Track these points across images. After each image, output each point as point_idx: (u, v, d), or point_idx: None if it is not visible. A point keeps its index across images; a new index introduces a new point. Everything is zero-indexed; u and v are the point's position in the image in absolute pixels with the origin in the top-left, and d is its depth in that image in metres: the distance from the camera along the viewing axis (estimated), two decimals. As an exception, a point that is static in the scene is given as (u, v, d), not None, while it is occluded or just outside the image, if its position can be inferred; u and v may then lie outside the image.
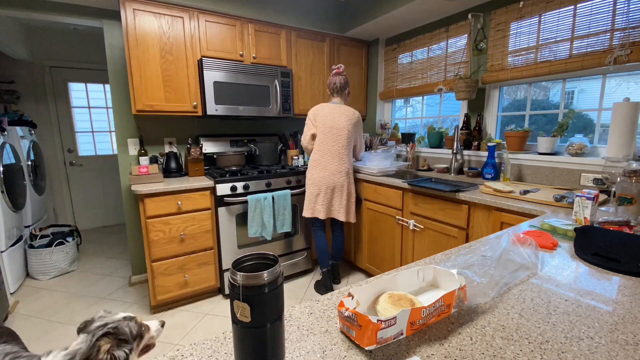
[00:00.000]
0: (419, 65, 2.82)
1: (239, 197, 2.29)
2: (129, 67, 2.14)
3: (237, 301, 0.43)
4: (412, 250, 2.15)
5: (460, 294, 0.62)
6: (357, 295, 0.59)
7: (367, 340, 0.50)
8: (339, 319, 0.57)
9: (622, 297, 0.67)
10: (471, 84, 2.21)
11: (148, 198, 2.03)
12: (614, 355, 0.50)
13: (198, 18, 2.32)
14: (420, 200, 2.04)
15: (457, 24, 2.45)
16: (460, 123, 2.47)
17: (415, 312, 0.54)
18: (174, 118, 2.64)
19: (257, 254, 0.50)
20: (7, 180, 2.52)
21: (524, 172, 2.06)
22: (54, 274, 2.78)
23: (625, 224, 1.10)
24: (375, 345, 0.50)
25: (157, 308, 2.23)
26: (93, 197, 4.11)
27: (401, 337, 0.54)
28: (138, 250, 2.62)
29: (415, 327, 0.55)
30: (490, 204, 1.63)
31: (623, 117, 1.49)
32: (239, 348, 0.45)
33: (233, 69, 2.40)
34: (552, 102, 2.08)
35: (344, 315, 0.54)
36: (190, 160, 2.45)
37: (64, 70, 3.75)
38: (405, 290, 0.69)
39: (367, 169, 2.49)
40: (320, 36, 2.91)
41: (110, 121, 4.15)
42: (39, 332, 2.03)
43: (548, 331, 0.56)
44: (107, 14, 2.35)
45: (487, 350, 0.52)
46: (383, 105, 3.30)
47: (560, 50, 1.87)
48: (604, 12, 1.67)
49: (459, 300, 0.62)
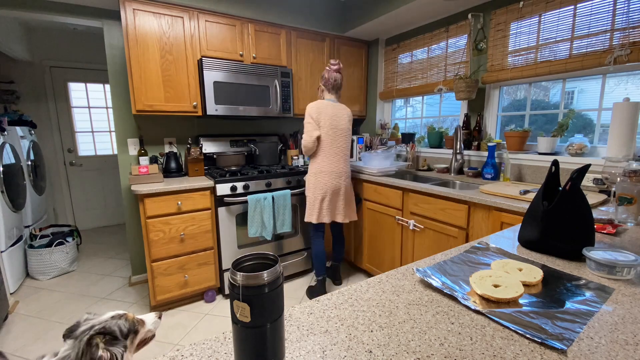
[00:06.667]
0: (419, 65, 2.82)
1: (239, 197, 2.29)
2: (128, 67, 2.14)
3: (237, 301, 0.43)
4: (412, 250, 2.15)
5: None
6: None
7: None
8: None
9: (622, 297, 0.67)
10: (471, 84, 2.21)
11: (148, 198, 2.03)
12: (614, 355, 0.50)
13: (198, 18, 2.32)
14: (420, 200, 2.04)
15: (457, 24, 2.44)
16: (460, 123, 2.47)
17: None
18: (174, 118, 2.64)
19: (257, 254, 0.50)
20: (7, 180, 2.52)
21: (524, 172, 2.06)
22: (54, 274, 2.78)
23: (609, 223, 1.11)
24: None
25: (157, 308, 2.23)
26: (93, 197, 4.11)
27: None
28: (138, 250, 2.62)
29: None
30: (490, 204, 1.63)
31: (623, 117, 1.49)
32: (239, 348, 0.45)
33: (233, 69, 2.40)
34: (552, 102, 2.08)
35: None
36: (190, 160, 2.45)
37: (64, 70, 3.75)
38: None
39: (367, 169, 2.49)
40: (320, 36, 2.91)
41: (110, 121, 4.15)
42: (38, 332, 2.03)
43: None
44: (107, 14, 2.35)
45: (487, 350, 0.52)
46: (383, 105, 3.30)
47: (560, 50, 1.87)
48: (604, 12, 1.67)
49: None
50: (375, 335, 0.56)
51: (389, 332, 0.57)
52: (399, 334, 0.56)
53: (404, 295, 0.69)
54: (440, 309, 0.64)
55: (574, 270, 0.80)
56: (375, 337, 0.55)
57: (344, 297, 0.69)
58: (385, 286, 0.73)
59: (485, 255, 0.89)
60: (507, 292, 0.65)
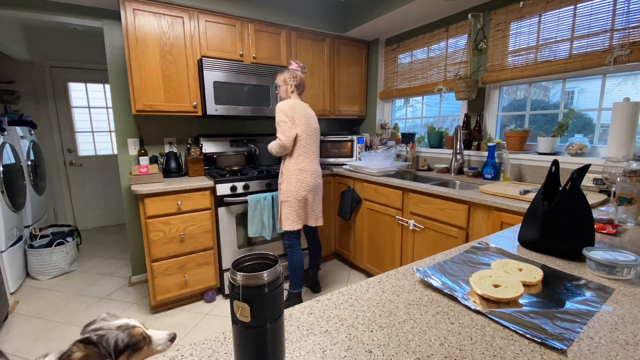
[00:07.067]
0: (419, 65, 2.82)
1: (239, 197, 2.29)
2: (129, 67, 2.14)
3: (237, 301, 0.43)
4: (412, 250, 2.15)
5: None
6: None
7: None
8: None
9: (622, 297, 0.67)
10: (471, 84, 2.21)
11: (148, 198, 2.03)
12: (614, 355, 0.50)
13: (198, 18, 2.32)
14: (420, 200, 2.04)
15: (457, 24, 2.44)
16: (460, 123, 2.47)
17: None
18: (174, 118, 2.64)
19: (257, 254, 0.50)
20: (7, 180, 2.52)
21: (524, 172, 2.06)
22: (54, 274, 2.78)
23: (609, 223, 1.11)
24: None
25: (157, 308, 2.23)
26: (93, 197, 4.11)
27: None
28: (138, 250, 2.62)
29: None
30: (490, 204, 1.63)
31: (623, 117, 1.49)
32: (239, 348, 0.45)
33: (233, 68, 2.40)
34: (552, 102, 2.08)
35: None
36: (190, 160, 2.45)
37: (64, 70, 3.75)
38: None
39: (367, 169, 2.49)
40: (320, 36, 2.91)
41: (110, 121, 4.15)
42: (38, 332, 2.03)
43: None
44: (107, 14, 2.35)
45: (487, 350, 0.52)
46: (383, 105, 3.30)
47: (560, 50, 1.87)
48: (603, 12, 1.67)
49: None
50: (375, 335, 0.56)
51: (389, 332, 0.57)
52: (399, 334, 0.56)
53: (404, 295, 0.69)
54: (440, 309, 0.64)
55: (574, 270, 0.80)
56: (375, 337, 0.55)
57: (344, 297, 0.69)
58: (385, 286, 0.73)
59: (485, 255, 0.89)
60: (507, 292, 0.65)
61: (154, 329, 0.81)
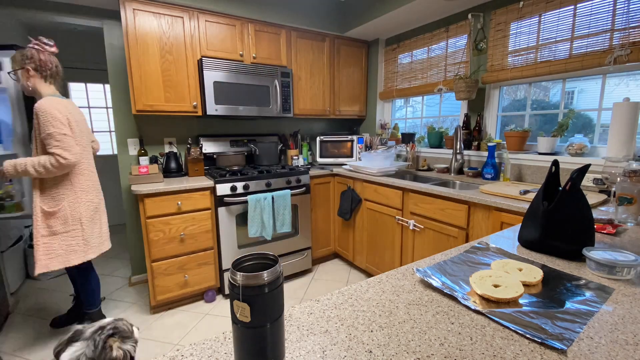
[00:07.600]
0: (419, 65, 2.82)
1: (239, 197, 2.29)
2: (129, 67, 2.14)
3: (237, 301, 0.43)
4: (412, 250, 2.15)
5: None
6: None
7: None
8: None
9: (622, 297, 0.67)
10: (471, 84, 2.21)
11: (148, 198, 2.03)
12: (613, 355, 0.50)
13: (198, 18, 2.32)
14: (420, 200, 2.04)
15: (457, 24, 2.44)
16: (460, 123, 2.47)
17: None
18: (174, 118, 2.64)
19: (257, 254, 0.50)
20: (7, 180, 2.51)
21: (524, 172, 2.06)
22: (54, 274, 2.77)
23: (609, 223, 1.11)
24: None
25: (157, 308, 2.23)
26: (93, 197, 4.10)
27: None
28: (138, 250, 2.62)
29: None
30: (490, 204, 1.63)
31: (623, 117, 1.49)
32: (239, 348, 0.45)
33: (233, 68, 2.40)
34: (552, 102, 2.08)
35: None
36: (190, 160, 2.45)
37: (64, 70, 3.72)
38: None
39: (367, 169, 2.49)
40: (320, 36, 2.91)
41: (110, 121, 4.15)
42: (38, 332, 2.03)
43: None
44: (107, 14, 2.35)
45: (487, 350, 0.52)
46: (383, 105, 3.30)
47: (560, 50, 1.87)
48: (603, 12, 1.67)
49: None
50: (375, 335, 0.56)
51: (389, 332, 0.57)
52: (399, 334, 0.56)
53: (404, 295, 0.69)
54: (440, 309, 0.64)
55: (574, 270, 0.80)
56: (375, 337, 0.55)
57: (344, 297, 0.69)
58: (385, 286, 0.73)
59: (485, 255, 0.89)
60: (507, 292, 0.65)
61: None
